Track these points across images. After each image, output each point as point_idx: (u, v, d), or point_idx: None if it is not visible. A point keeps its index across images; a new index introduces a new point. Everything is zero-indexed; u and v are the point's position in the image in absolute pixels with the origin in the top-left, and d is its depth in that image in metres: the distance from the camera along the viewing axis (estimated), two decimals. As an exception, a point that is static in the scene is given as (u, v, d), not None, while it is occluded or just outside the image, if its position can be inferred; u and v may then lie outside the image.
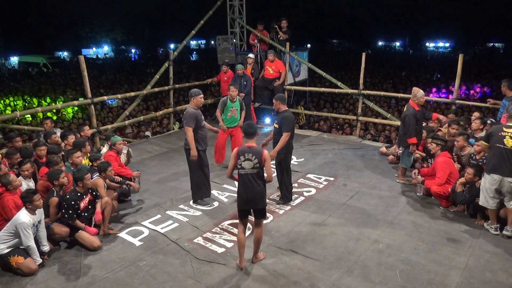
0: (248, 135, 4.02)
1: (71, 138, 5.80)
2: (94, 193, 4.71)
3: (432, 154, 5.69)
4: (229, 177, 4.15)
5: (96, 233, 4.59)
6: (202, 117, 5.43)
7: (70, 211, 4.39)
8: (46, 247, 4.25)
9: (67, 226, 4.47)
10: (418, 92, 5.85)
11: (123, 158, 6.19)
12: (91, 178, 5.01)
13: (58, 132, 6.42)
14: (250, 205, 3.97)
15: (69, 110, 12.70)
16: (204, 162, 5.48)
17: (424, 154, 6.26)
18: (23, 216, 4.02)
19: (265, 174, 3.96)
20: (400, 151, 6.30)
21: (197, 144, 5.28)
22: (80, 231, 4.46)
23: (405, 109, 5.97)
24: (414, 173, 5.91)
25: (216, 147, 6.84)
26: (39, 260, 4.10)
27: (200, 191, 5.51)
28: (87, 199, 4.59)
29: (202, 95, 5.42)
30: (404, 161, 6.09)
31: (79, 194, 4.51)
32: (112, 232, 4.80)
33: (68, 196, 4.47)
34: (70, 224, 4.44)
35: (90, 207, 4.63)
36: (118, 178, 5.58)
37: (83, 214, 4.53)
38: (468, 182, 4.95)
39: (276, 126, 5.35)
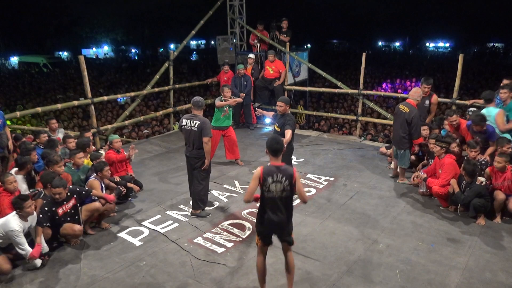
0: (275, 152, 3.39)
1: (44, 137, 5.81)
2: (80, 197, 4.59)
3: (433, 154, 5.69)
4: (249, 202, 3.46)
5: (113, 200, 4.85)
6: None
7: (41, 215, 4.21)
8: (44, 249, 4.18)
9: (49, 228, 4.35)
10: (419, 93, 5.94)
11: None
12: (90, 178, 5.03)
13: (61, 133, 6.38)
14: (277, 232, 3.51)
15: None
16: (210, 169, 5.26)
17: (417, 148, 6.24)
18: (13, 222, 3.89)
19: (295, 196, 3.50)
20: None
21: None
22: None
23: (404, 109, 5.82)
24: (418, 170, 5.89)
25: None
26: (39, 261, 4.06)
27: (201, 201, 5.20)
28: (70, 203, 4.46)
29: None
30: (404, 161, 6.06)
31: (56, 202, 4.36)
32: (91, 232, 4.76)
33: (44, 202, 4.35)
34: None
35: (73, 211, 4.50)
36: (118, 178, 5.59)
37: (62, 219, 4.40)
38: (467, 182, 4.95)
39: (278, 129, 5.29)
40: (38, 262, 4.07)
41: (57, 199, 4.35)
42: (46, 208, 4.29)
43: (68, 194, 4.45)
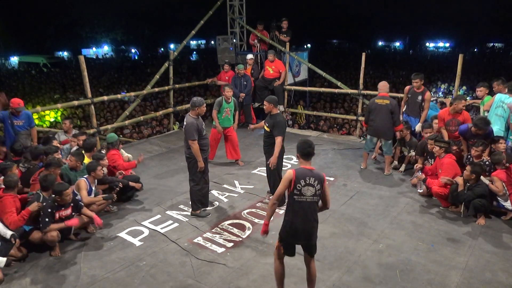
0: (307, 155, 3.35)
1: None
2: (76, 206, 4.56)
3: (433, 154, 5.69)
4: (275, 204, 3.37)
5: (76, 223, 4.48)
6: (203, 124, 5.12)
7: (47, 219, 4.22)
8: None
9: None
10: (387, 84, 6.35)
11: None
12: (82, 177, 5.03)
13: (62, 135, 6.37)
14: (303, 239, 3.36)
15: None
16: (206, 169, 5.24)
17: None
18: None
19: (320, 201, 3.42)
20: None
21: (201, 153, 5.00)
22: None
23: (384, 102, 6.10)
24: (417, 170, 5.90)
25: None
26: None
27: (199, 202, 5.20)
28: (68, 211, 4.44)
29: (204, 105, 5.03)
30: (391, 149, 6.40)
31: (56, 203, 4.33)
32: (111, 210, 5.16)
33: (44, 204, 4.30)
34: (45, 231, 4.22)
35: (64, 218, 4.43)
36: (120, 176, 5.60)
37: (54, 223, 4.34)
38: (466, 180, 4.95)
39: (267, 129, 5.25)
40: (2, 261, 3.95)
41: (61, 203, 4.33)
42: (49, 210, 4.25)
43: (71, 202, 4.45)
